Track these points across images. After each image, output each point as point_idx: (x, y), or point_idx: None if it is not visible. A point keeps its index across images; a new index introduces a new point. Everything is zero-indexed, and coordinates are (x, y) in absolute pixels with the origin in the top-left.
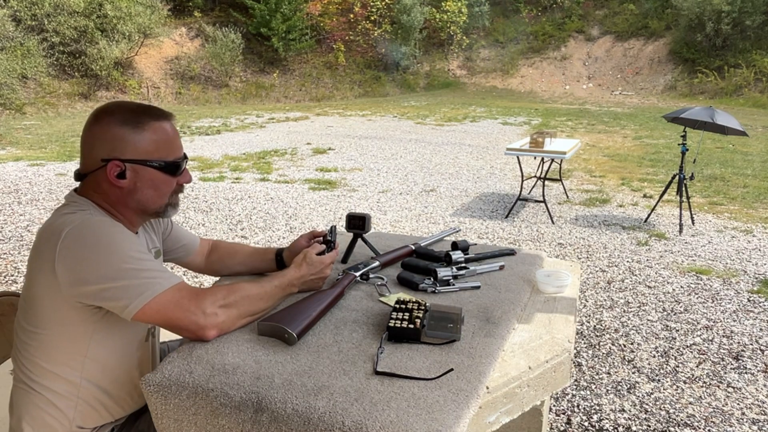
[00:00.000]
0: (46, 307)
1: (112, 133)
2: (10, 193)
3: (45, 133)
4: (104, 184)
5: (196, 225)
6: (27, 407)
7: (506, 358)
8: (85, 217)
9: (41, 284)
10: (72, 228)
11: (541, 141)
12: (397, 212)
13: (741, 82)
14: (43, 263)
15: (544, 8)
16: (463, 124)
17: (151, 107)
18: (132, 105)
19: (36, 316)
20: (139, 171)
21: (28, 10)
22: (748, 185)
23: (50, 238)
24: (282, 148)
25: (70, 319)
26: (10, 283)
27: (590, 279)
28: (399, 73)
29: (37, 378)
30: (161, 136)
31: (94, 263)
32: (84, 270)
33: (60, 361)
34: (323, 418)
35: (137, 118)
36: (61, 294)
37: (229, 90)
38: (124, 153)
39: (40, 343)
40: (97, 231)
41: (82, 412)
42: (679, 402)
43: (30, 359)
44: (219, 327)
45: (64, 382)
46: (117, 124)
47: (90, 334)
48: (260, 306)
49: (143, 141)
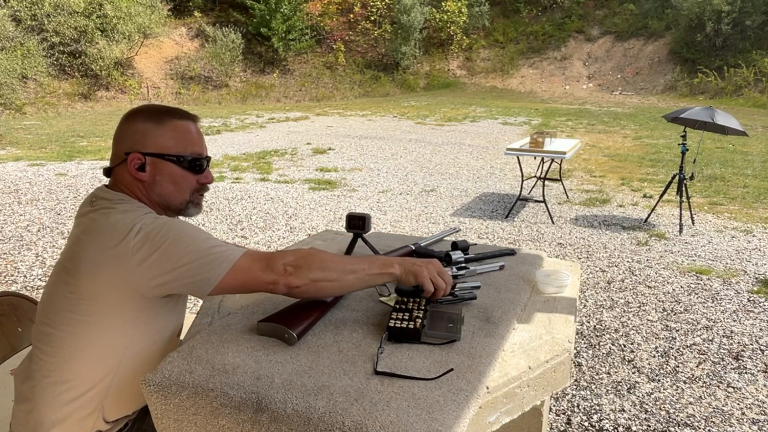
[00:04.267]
0: (107, 297)
1: (134, 128)
2: (10, 193)
3: (45, 133)
4: (127, 176)
5: (196, 225)
6: (52, 402)
7: (506, 358)
8: (144, 213)
9: (107, 274)
10: (141, 224)
11: (541, 141)
12: (397, 212)
13: (741, 82)
14: (111, 257)
15: (544, 8)
16: (463, 124)
17: (177, 108)
18: (160, 106)
19: (92, 306)
20: (158, 164)
21: (28, 10)
22: (748, 185)
23: (114, 233)
24: (282, 148)
25: (130, 308)
26: (10, 283)
27: (590, 279)
28: (399, 73)
29: (72, 369)
30: (181, 133)
31: (173, 251)
32: (164, 260)
33: (104, 350)
34: (323, 418)
35: (160, 116)
36: (132, 284)
37: (229, 90)
38: (144, 146)
39: (88, 332)
40: (165, 223)
41: (111, 403)
42: (679, 402)
43: (68, 350)
44: (288, 284)
45: (102, 371)
46: (141, 120)
47: (140, 322)
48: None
49: (163, 136)
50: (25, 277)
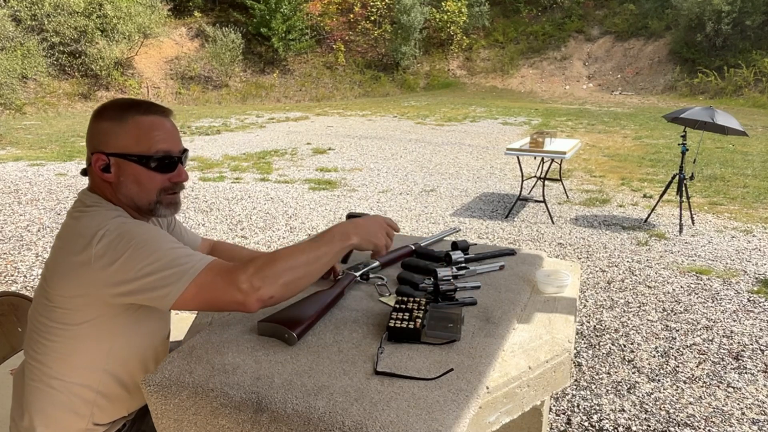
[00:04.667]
0: (79, 305)
1: (99, 127)
2: (10, 193)
3: (45, 133)
4: (96, 178)
5: (196, 225)
6: (42, 406)
7: (506, 358)
8: (118, 219)
9: (75, 280)
10: (105, 230)
11: (541, 141)
12: (397, 212)
13: (741, 82)
14: (79, 263)
15: (544, 8)
16: (463, 124)
17: (143, 102)
18: (124, 101)
19: (67, 314)
20: (121, 164)
21: (28, 10)
22: (748, 185)
23: (80, 240)
24: (282, 148)
25: (102, 316)
26: (10, 283)
27: (590, 279)
28: (399, 73)
29: (57, 375)
30: (145, 131)
31: (132, 261)
32: (123, 269)
33: (84, 357)
34: (323, 418)
35: (122, 112)
36: (97, 293)
37: (229, 90)
38: (107, 146)
39: (67, 339)
40: (129, 230)
41: (100, 407)
42: (679, 402)
43: (52, 356)
44: (260, 298)
45: (87, 377)
46: (105, 118)
47: (120, 329)
48: (309, 268)
49: (125, 134)
50: (25, 277)
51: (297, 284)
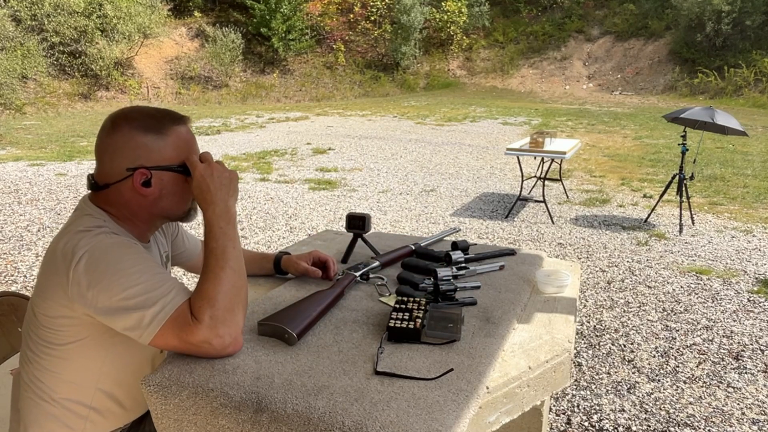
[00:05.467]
0: (63, 325)
1: (135, 141)
2: (10, 193)
3: (45, 133)
4: (128, 193)
5: (196, 225)
6: (36, 418)
7: (506, 358)
8: (99, 240)
9: (57, 302)
10: (85, 252)
11: (541, 141)
12: (397, 212)
13: (741, 82)
14: (58, 285)
15: (544, 8)
16: (463, 124)
17: (169, 111)
18: (150, 110)
19: (52, 333)
20: (164, 177)
21: (28, 10)
22: (748, 185)
23: (63, 258)
24: (282, 148)
25: (88, 338)
26: (10, 283)
27: (590, 279)
28: (399, 73)
29: (49, 390)
30: (183, 141)
31: (107, 290)
32: (98, 297)
33: (75, 376)
34: (323, 418)
35: (159, 124)
36: (79, 315)
37: (229, 90)
38: (149, 160)
39: (54, 358)
40: (109, 255)
41: (93, 422)
42: (679, 402)
43: (42, 371)
44: (234, 340)
45: (78, 393)
46: (140, 131)
47: (109, 350)
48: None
49: (167, 147)
50: (25, 277)
51: (243, 295)
